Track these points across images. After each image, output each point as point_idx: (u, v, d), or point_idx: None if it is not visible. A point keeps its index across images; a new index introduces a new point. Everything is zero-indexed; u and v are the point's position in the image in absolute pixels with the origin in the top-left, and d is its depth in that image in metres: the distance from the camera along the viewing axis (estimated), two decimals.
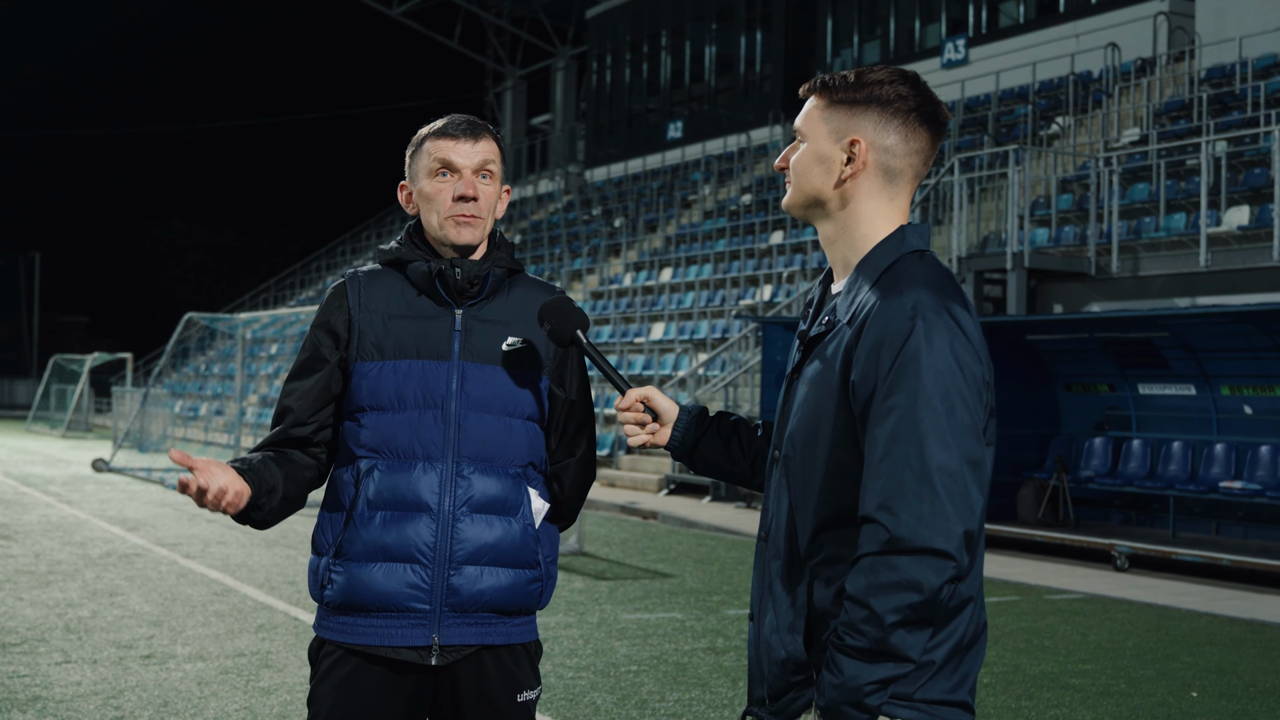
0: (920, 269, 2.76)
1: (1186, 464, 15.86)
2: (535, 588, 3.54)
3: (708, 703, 7.98)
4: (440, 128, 3.57)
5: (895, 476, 2.58)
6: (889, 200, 2.86)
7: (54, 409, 47.50)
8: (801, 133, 2.91)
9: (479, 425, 3.47)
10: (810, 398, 2.81)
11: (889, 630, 2.55)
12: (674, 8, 44.95)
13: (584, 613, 11.06)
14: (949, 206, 23.90)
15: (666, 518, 19.87)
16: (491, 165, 3.56)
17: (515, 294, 3.62)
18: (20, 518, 17.35)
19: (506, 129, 58.79)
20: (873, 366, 2.65)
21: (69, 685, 8.01)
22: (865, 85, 2.83)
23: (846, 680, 2.58)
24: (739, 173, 38.04)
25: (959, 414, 2.61)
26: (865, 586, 2.57)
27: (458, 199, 3.51)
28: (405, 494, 3.44)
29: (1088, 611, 11.86)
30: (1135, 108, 26.57)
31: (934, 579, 2.55)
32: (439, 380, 3.48)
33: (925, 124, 2.84)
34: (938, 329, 2.63)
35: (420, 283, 3.54)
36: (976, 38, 33.41)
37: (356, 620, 3.46)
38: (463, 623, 3.45)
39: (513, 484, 3.50)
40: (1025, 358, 17.00)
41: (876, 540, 2.58)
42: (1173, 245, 19.64)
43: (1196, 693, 8.63)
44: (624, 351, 29.16)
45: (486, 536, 3.45)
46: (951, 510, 2.57)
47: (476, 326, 3.53)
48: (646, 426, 3.27)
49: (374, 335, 3.51)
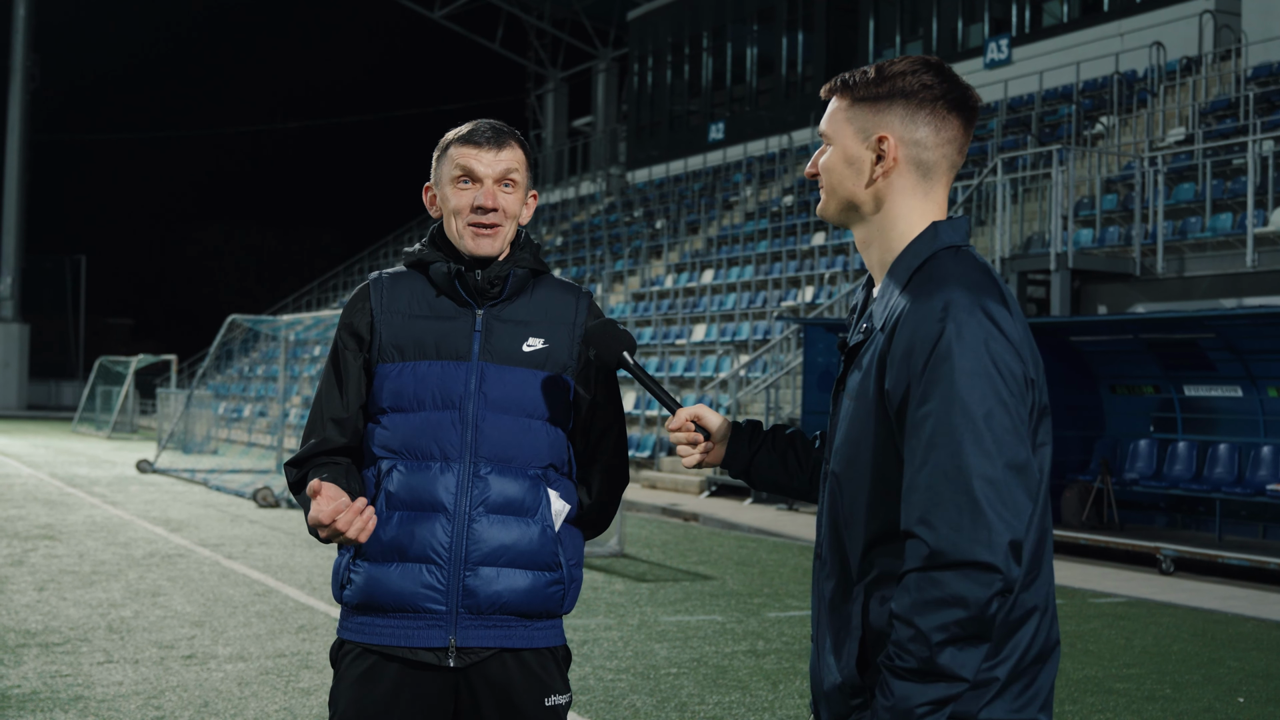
0: (954, 266, 2.64)
1: (1233, 466, 15.71)
2: (556, 591, 3.50)
3: (748, 706, 7.94)
4: (465, 134, 3.55)
5: (932, 488, 2.48)
6: (924, 196, 2.75)
7: (99, 410, 47.79)
8: (827, 136, 2.81)
9: (496, 426, 3.45)
10: (852, 410, 2.72)
11: (936, 649, 2.44)
12: (715, 9, 44.90)
13: (624, 615, 11.04)
14: (992, 207, 23.78)
15: (707, 519, 19.84)
16: (515, 174, 3.53)
17: (539, 295, 3.60)
18: (65, 518, 17.45)
19: (548, 131, 58.90)
20: (904, 373, 2.56)
21: (110, 685, 8.04)
22: (888, 78, 2.73)
23: (897, 702, 2.47)
24: (780, 174, 37.97)
25: (997, 417, 2.49)
26: (910, 604, 2.47)
27: (476, 209, 3.50)
28: (422, 494, 3.43)
29: (1133, 615, 11.77)
30: (1180, 107, 26.37)
31: (980, 593, 2.43)
32: (457, 381, 3.46)
33: (955, 111, 2.73)
34: (970, 329, 2.52)
35: (441, 283, 3.53)
36: (1020, 37, 33.23)
37: (374, 620, 3.46)
38: (480, 625, 3.43)
39: (531, 485, 3.47)
40: (1069, 359, 16.88)
41: (918, 556, 2.48)
42: (1218, 245, 19.48)
43: (1243, 698, 8.54)
44: (665, 353, 29.13)
45: (503, 537, 3.43)
46: (994, 519, 2.45)
47: (497, 327, 3.52)
48: (700, 446, 3.18)
49: (394, 337, 3.51)
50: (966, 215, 24.59)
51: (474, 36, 56.93)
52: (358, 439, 3.57)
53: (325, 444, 3.55)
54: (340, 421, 3.55)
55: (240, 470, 26.11)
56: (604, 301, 36.05)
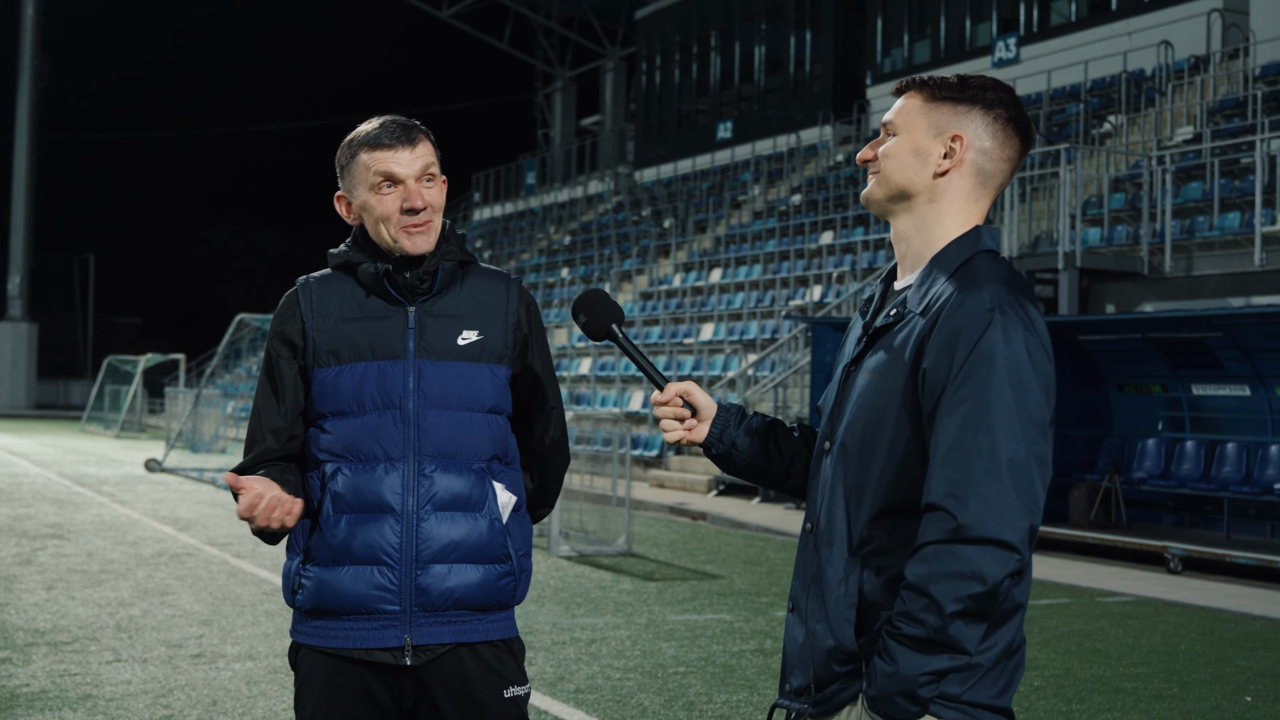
0: (996, 267, 2.79)
1: (1241, 465, 15.70)
2: (507, 583, 3.52)
3: (755, 704, 7.95)
4: (374, 137, 3.49)
5: (965, 465, 2.59)
6: (975, 202, 2.90)
7: (108, 409, 47.87)
8: (895, 125, 2.93)
9: (438, 422, 3.45)
10: (873, 386, 2.82)
11: (948, 620, 2.55)
12: (723, 8, 44.88)
13: (632, 613, 11.05)
14: (1000, 206, 23.71)
15: (715, 519, 19.84)
16: (432, 167, 3.51)
17: (469, 286, 3.59)
18: (74, 517, 17.49)
19: (556, 130, 58.95)
20: (946, 357, 2.67)
21: (119, 684, 8.06)
22: (970, 87, 2.89)
23: (901, 669, 2.59)
24: (789, 173, 37.96)
25: (1031, 409, 2.63)
26: (926, 574, 2.57)
27: (406, 211, 3.47)
28: (369, 496, 3.43)
29: (1140, 614, 11.76)
30: (1188, 106, 26.34)
31: (997, 570, 2.55)
32: (395, 380, 3.45)
33: (1019, 134, 2.90)
34: (1015, 326, 2.66)
35: (370, 284, 3.51)
36: (1028, 36, 33.19)
37: (329, 624, 3.47)
38: (435, 621, 3.44)
39: (476, 479, 3.48)
40: (1077, 358, 16.87)
41: (941, 528, 2.58)
42: (1226, 245, 19.46)
43: (1250, 697, 8.54)
44: (673, 352, 29.12)
45: (452, 534, 3.44)
46: (1018, 503, 2.57)
47: (430, 322, 3.50)
48: (685, 422, 3.21)
49: (328, 340, 3.49)
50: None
51: (482, 35, 56.96)
52: (299, 445, 3.57)
53: (266, 454, 3.54)
54: (278, 431, 3.54)
55: None
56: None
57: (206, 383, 34.56)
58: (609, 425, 18.73)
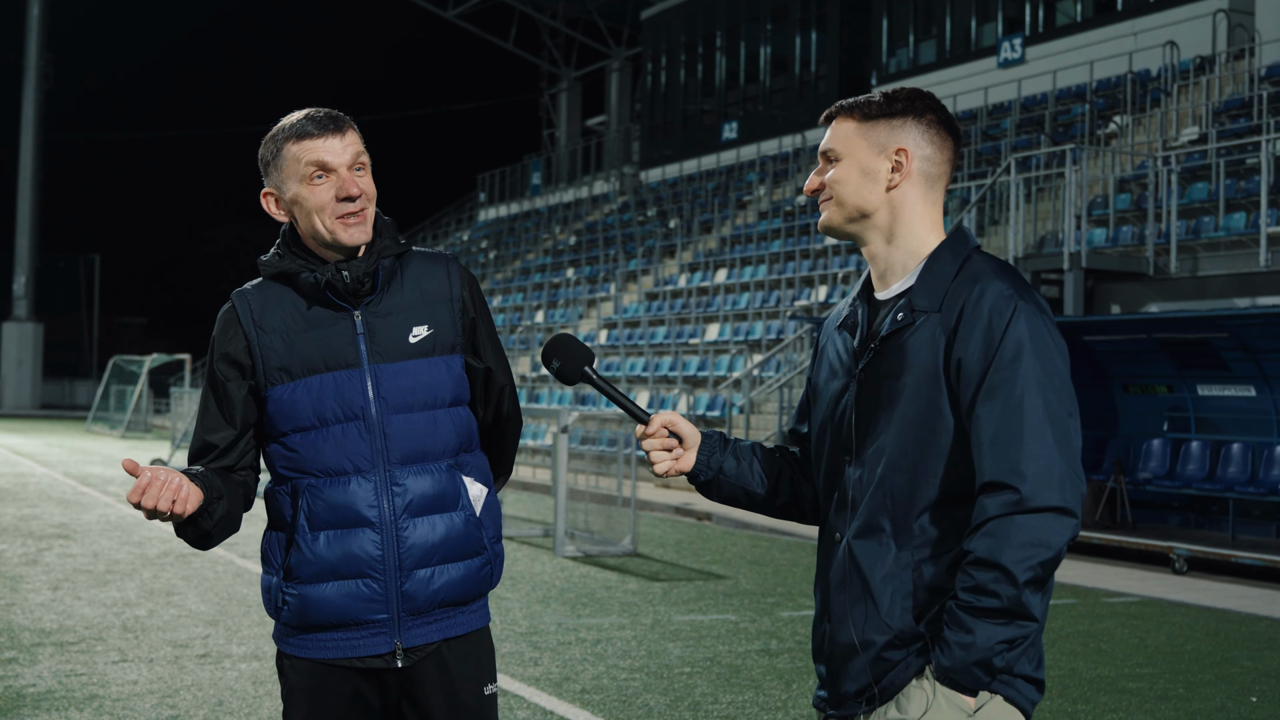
0: (994, 263, 2.95)
1: (1246, 466, 15.68)
2: (486, 572, 3.53)
3: (761, 705, 7.95)
4: (300, 128, 3.40)
5: (1015, 442, 2.74)
6: (931, 205, 3.04)
7: (113, 409, 47.89)
8: (836, 152, 3.05)
9: (404, 427, 3.41)
10: (902, 389, 2.91)
11: (1023, 588, 2.69)
12: (729, 8, 44.87)
13: (637, 614, 11.05)
14: (1005, 206, 23.75)
15: (721, 519, 19.84)
16: (362, 156, 3.43)
17: (409, 276, 3.51)
18: (79, 517, 17.51)
19: (561, 130, 58.95)
20: (980, 345, 2.82)
21: (125, 684, 8.07)
22: (899, 100, 3.03)
23: (978, 640, 2.70)
24: (794, 173, 37.94)
25: (1061, 382, 2.83)
26: (994, 546, 2.70)
27: (342, 199, 3.38)
28: (344, 511, 3.38)
29: (1146, 615, 11.76)
30: (1194, 106, 26.31)
31: (1061, 536, 2.72)
32: (353, 390, 3.39)
33: (951, 134, 3.05)
34: (1034, 311, 2.84)
35: (310, 293, 3.43)
36: (1033, 37, 33.17)
37: (317, 636, 3.44)
38: (423, 623, 3.44)
39: (448, 477, 3.45)
40: (1082, 359, 16.85)
41: (1003, 502, 2.72)
42: (1232, 245, 19.45)
43: (1256, 697, 8.53)
44: (679, 353, 29.13)
45: (432, 537, 3.42)
46: (1070, 470, 2.75)
47: (378, 324, 3.44)
48: (673, 452, 3.22)
49: (277, 357, 3.41)
50: (981, 218, 24.60)
51: (488, 36, 56.98)
52: (244, 460, 3.50)
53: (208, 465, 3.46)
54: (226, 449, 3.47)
55: None
56: (618, 301, 36.09)
57: None
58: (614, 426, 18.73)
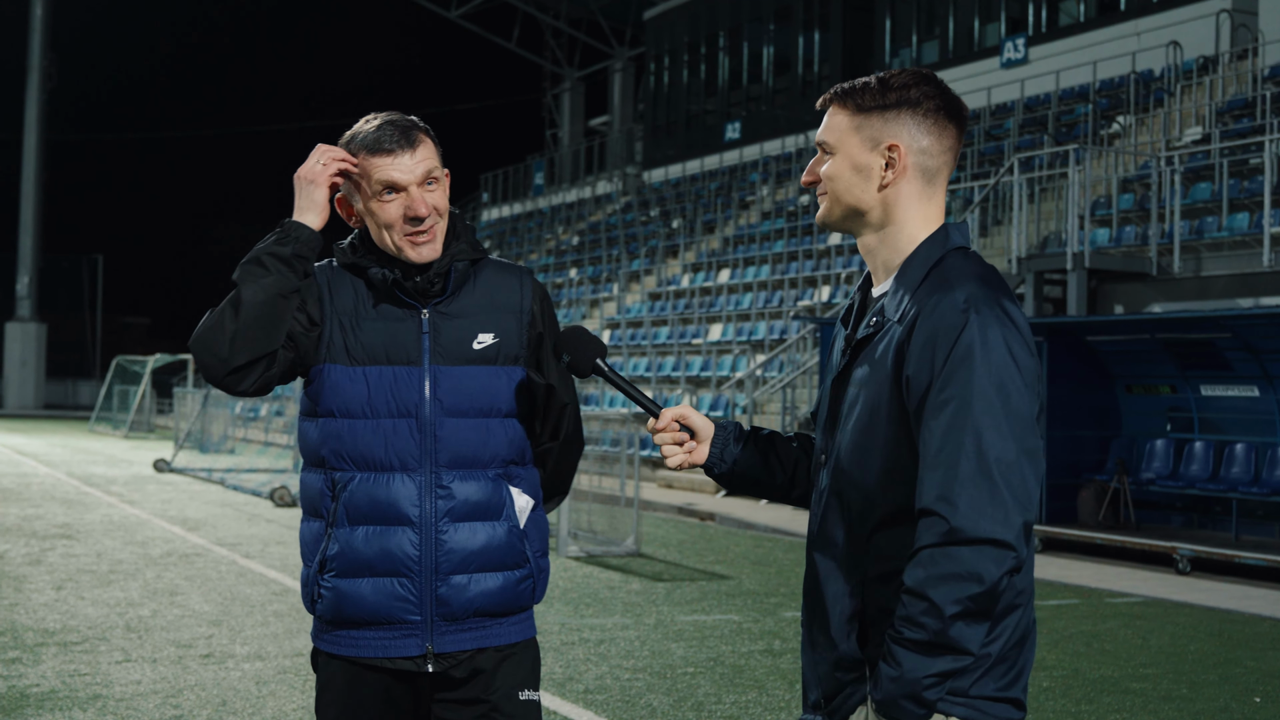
0: (967, 265, 2.78)
1: (1250, 466, 15.68)
2: (526, 586, 3.48)
3: (764, 705, 7.95)
4: (372, 142, 3.38)
5: (953, 467, 2.58)
6: (929, 200, 2.88)
7: (116, 410, 47.86)
8: (830, 145, 2.91)
9: (455, 431, 3.38)
10: (861, 398, 2.81)
11: (949, 622, 2.55)
12: (732, 8, 44.86)
13: (641, 614, 11.05)
14: (1009, 206, 23.75)
15: (724, 519, 19.84)
16: (435, 171, 3.39)
17: (481, 283, 3.49)
18: (83, 517, 17.51)
19: (564, 130, 58.93)
20: (927, 361, 2.66)
21: (129, 684, 8.07)
22: (892, 90, 2.85)
23: (905, 673, 2.58)
24: (797, 173, 37.84)
25: (1015, 405, 2.62)
26: (924, 578, 2.57)
27: (410, 219, 3.36)
28: (385, 507, 3.36)
29: (1149, 615, 11.75)
30: (1197, 106, 26.29)
31: (994, 570, 2.55)
32: (411, 387, 3.37)
33: (952, 120, 2.87)
34: (991, 323, 2.65)
35: (380, 287, 3.41)
36: (1036, 37, 33.15)
37: (350, 633, 3.42)
38: (457, 630, 3.40)
39: (494, 486, 3.42)
40: (1085, 359, 16.86)
41: (935, 532, 2.58)
42: (1235, 245, 19.44)
43: (1260, 698, 8.53)
44: (681, 353, 29.13)
45: (471, 544, 3.38)
46: (1010, 500, 2.57)
47: (445, 325, 3.41)
48: (684, 445, 3.19)
49: (342, 338, 3.40)
50: (984, 218, 24.60)
51: (490, 36, 56.95)
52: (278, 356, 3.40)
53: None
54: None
55: (257, 469, 26.14)
56: (620, 301, 36.09)
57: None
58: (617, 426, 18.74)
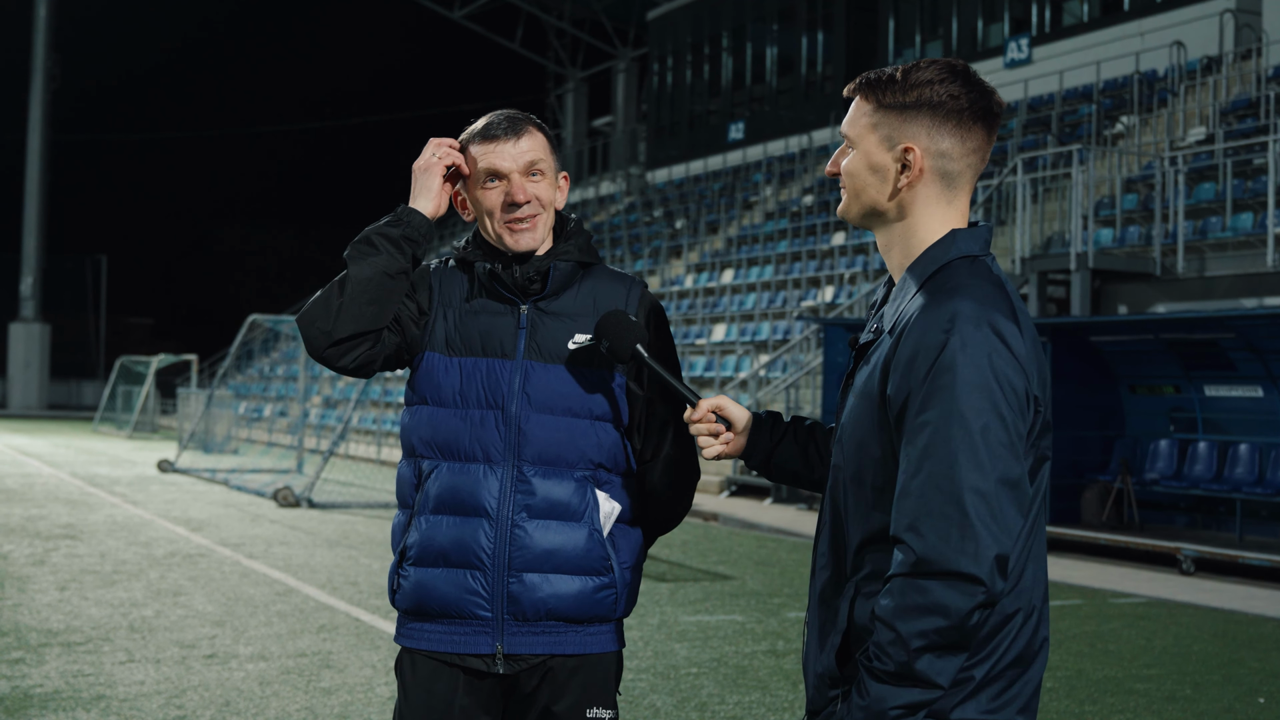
0: (966, 277, 2.64)
1: (1254, 466, 15.67)
2: (607, 595, 3.40)
3: (768, 705, 7.94)
4: (482, 130, 3.46)
5: (924, 496, 2.49)
6: (948, 204, 2.74)
7: (120, 410, 47.91)
8: (850, 139, 2.79)
9: (540, 427, 3.35)
10: (857, 408, 2.74)
11: (914, 655, 2.47)
12: (735, 8, 44.87)
13: (644, 614, 11.05)
14: (1012, 207, 23.73)
15: (727, 519, 19.83)
16: (540, 163, 3.42)
17: (587, 286, 3.47)
18: (86, 518, 17.52)
19: (568, 131, 58.91)
20: (906, 380, 2.56)
21: (132, 684, 8.07)
22: (914, 87, 2.70)
23: (872, 703, 2.50)
24: (800, 174, 37.93)
25: (994, 431, 2.49)
26: (893, 609, 2.49)
27: (508, 205, 3.41)
28: (465, 498, 3.35)
29: (1152, 616, 11.75)
30: (1201, 106, 26.29)
31: (962, 604, 2.45)
32: (502, 380, 3.37)
33: (979, 120, 2.71)
34: (974, 342, 2.51)
35: (483, 281, 3.44)
36: (1040, 37, 33.15)
37: (424, 626, 3.41)
38: (528, 631, 3.36)
39: (578, 487, 3.37)
40: (1089, 359, 16.85)
41: (905, 562, 2.50)
42: (1239, 245, 19.43)
43: (1263, 698, 8.52)
44: (685, 353, 29.12)
45: (547, 543, 3.34)
46: (983, 532, 2.46)
47: (543, 322, 3.41)
48: (720, 436, 3.16)
49: (445, 329, 3.43)
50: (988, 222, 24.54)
51: (494, 36, 56.97)
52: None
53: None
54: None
55: (261, 470, 26.17)
56: None
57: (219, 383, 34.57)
58: None
